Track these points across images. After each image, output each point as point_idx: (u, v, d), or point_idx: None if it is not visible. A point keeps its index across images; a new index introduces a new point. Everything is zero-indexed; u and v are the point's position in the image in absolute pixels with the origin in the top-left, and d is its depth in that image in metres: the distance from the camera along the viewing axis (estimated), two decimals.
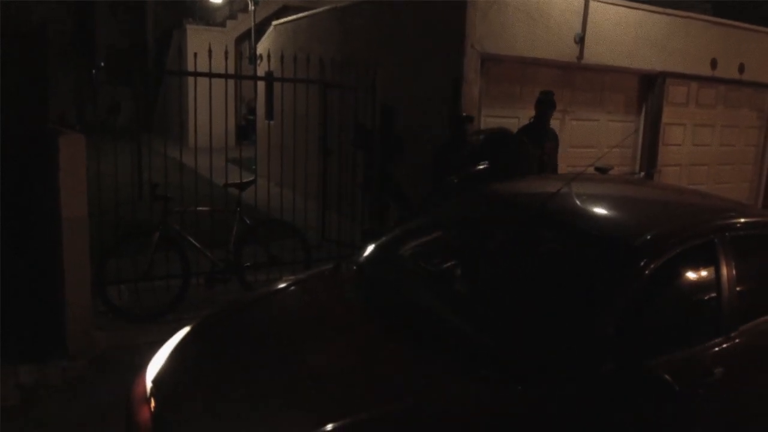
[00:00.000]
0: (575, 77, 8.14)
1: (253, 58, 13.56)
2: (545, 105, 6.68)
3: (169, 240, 5.71)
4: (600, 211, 3.61)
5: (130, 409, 2.87)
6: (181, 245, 5.75)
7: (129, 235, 5.89)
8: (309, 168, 7.86)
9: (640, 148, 8.99)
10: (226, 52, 6.30)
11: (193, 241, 5.89)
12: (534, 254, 3.77)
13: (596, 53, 7.84)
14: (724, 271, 3.10)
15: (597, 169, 7.28)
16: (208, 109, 5.77)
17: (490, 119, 7.51)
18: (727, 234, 3.21)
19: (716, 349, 3.01)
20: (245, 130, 16.65)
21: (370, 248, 3.88)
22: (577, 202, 3.57)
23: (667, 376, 2.50)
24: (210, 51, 5.84)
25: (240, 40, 19.30)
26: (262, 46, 12.77)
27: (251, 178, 6.48)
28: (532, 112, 6.81)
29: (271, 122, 10.88)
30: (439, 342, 2.79)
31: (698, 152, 9.70)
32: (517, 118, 7.75)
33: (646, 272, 2.84)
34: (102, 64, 15.80)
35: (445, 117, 6.93)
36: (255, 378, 2.75)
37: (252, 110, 17.00)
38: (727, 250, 3.15)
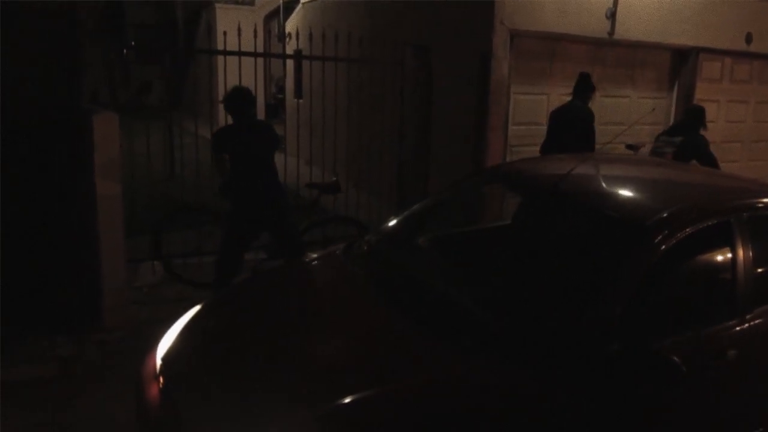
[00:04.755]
0: (606, 53, 8.03)
1: (282, 37, 13.57)
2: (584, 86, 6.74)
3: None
4: (613, 190, 3.55)
5: (140, 386, 2.93)
6: None
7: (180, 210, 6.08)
8: (338, 145, 7.89)
9: (672, 125, 8.87)
10: (255, 31, 6.32)
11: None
12: (544, 234, 3.80)
13: (628, 28, 7.72)
14: (741, 252, 3.05)
15: (628, 146, 7.24)
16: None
17: (519, 96, 7.46)
18: (744, 214, 3.15)
19: (730, 331, 2.98)
20: (274, 109, 16.72)
21: (382, 227, 3.89)
22: (591, 182, 3.54)
23: (675, 358, 2.47)
24: (239, 29, 5.88)
25: (269, 18, 19.29)
26: (291, 24, 12.78)
27: (334, 179, 6.36)
28: (561, 89, 6.76)
29: (300, 101, 10.92)
30: (446, 321, 2.79)
31: (732, 129, 9.54)
32: (546, 95, 7.69)
33: (658, 253, 2.80)
34: (132, 43, 15.93)
35: (473, 93, 6.89)
36: (261, 356, 2.77)
37: (281, 89, 17.05)
38: (744, 231, 3.09)
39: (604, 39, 7.67)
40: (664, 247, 2.81)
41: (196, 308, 3.36)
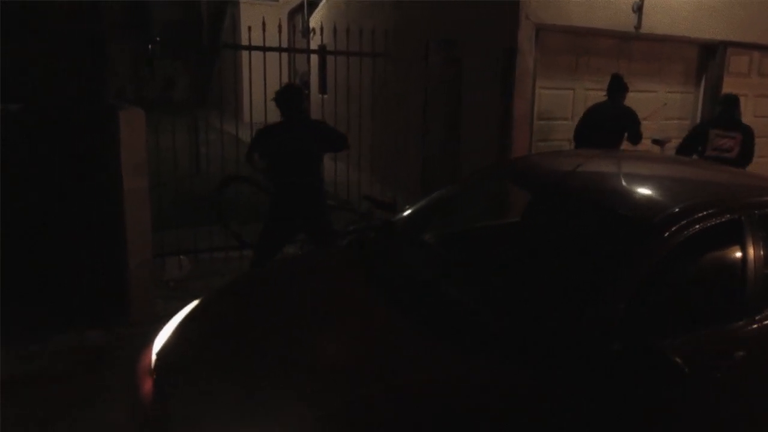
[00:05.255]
0: (632, 47, 7.93)
1: (306, 32, 13.61)
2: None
3: None
4: (619, 187, 3.48)
5: (135, 381, 2.90)
6: None
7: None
8: (363, 141, 7.90)
9: (699, 120, 8.75)
10: (280, 26, 6.35)
11: None
12: (548, 231, 3.75)
13: (655, 22, 7.62)
14: (751, 251, 2.97)
15: (654, 141, 7.16)
16: (263, 83, 5.85)
17: (544, 91, 7.41)
18: (756, 212, 3.07)
19: (738, 331, 2.92)
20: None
21: (384, 222, 3.86)
22: (597, 179, 3.51)
23: (677, 359, 2.41)
24: (264, 24, 5.90)
25: (293, 13, 19.34)
26: (315, 20, 12.81)
27: (392, 198, 6.08)
28: (587, 84, 6.71)
29: (325, 96, 10.92)
30: (447, 320, 2.74)
31: (760, 124, 9.35)
32: (572, 89, 7.63)
33: (663, 251, 2.74)
34: (158, 39, 16.03)
35: (498, 88, 6.86)
36: (257, 354, 2.73)
37: (305, 84, 17.09)
38: (756, 229, 3.01)
39: (630, 33, 7.59)
40: (669, 245, 2.76)
41: (194, 303, 3.33)
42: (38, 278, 4.79)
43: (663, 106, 7.20)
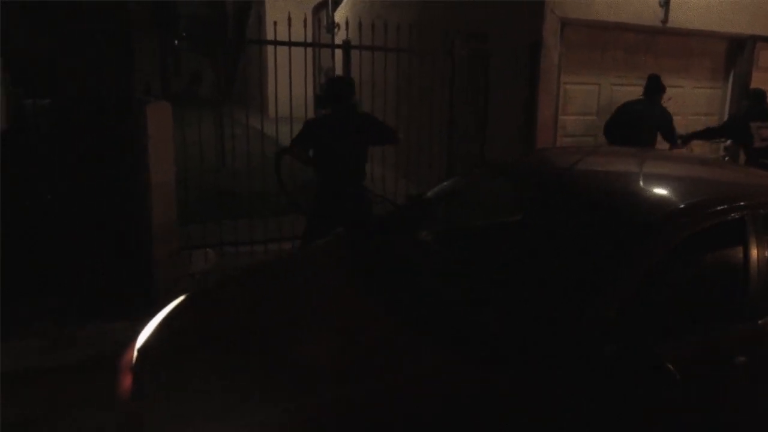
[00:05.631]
0: (659, 42, 7.86)
1: (331, 27, 13.64)
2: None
3: None
4: (619, 186, 3.33)
5: (117, 376, 2.85)
6: None
7: None
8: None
9: (727, 116, 8.64)
10: (305, 21, 6.37)
11: None
12: (544, 230, 3.63)
13: (682, 16, 7.54)
14: (754, 252, 2.83)
15: (680, 137, 7.09)
16: (288, 78, 5.88)
17: (569, 86, 7.37)
18: (761, 212, 2.93)
19: (739, 336, 2.80)
20: (323, 99, 16.80)
21: (383, 218, 3.80)
22: (596, 177, 3.41)
23: (669, 365, 2.30)
24: (289, 19, 5.93)
25: (318, 9, 19.40)
26: (340, 15, 12.84)
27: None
28: (613, 79, 6.68)
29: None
30: (433, 320, 2.65)
31: None
32: (597, 84, 7.58)
33: (662, 250, 2.64)
34: (184, 34, 16.18)
35: (523, 83, 6.84)
36: (237, 351, 2.67)
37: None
38: (760, 230, 2.88)
39: (657, 27, 7.51)
40: (668, 245, 2.66)
41: (180, 298, 3.28)
42: (64, 270, 4.86)
43: (668, 100, 7.10)
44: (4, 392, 3.71)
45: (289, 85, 5.94)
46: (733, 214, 2.89)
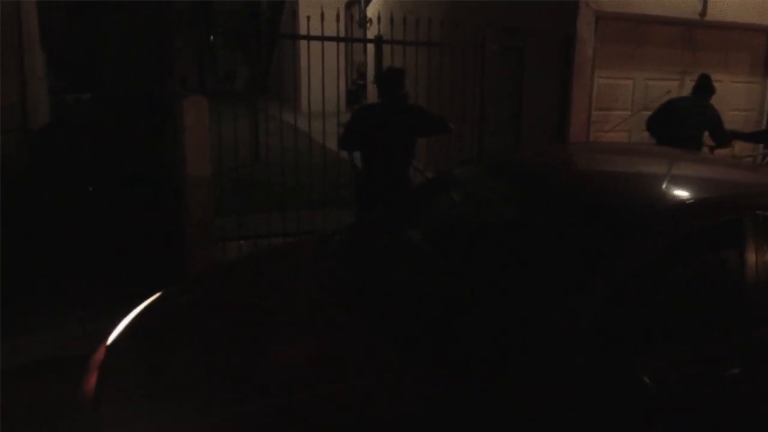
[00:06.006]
0: (697, 36, 7.73)
1: (363, 22, 13.69)
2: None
3: None
4: (607, 185, 3.09)
5: (84, 375, 2.78)
6: None
7: None
8: None
9: (766, 112, 8.48)
10: (338, 15, 6.42)
11: None
12: (523, 231, 3.28)
13: (721, 9, 7.42)
14: (753, 257, 2.60)
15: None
16: (321, 73, 5.93)
17: (603, 80, 7.30)
18: (759, 213, 2.70)
19: (733, 347, 2.59)
20: (355, 95, 16.88)
21: (364, 218, 3.72)
22: (584, 176, 3.21)
23: (645, 377, 2.17)
24: (322, 14, 5.98)
25: (350, 4, 19.46)
26: (372, 10, 12.86)
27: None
28: (648, 74, 6.59)
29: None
30: (401, 324, 2.49)
31: None
32: (631, 79, 7.50)
33: (644, 254, 2.46)
34: (219, 30, 16.37)
35: (556, 77, 6.79)
36: (197, 354, 2.59)
37: (361, 75, 17.16)
38: (760, 234, 2.65)
39: (694, 20, 7.40)
40: (654, 247, 2.49)
41: (155, 296, 3.20)
42: (98, 261, 4.96)
43: (666, 93, 6.95)
44: (46, 379, 3.80)
45: (321, 81, 5.98)
46: (729, 216, 2.70)
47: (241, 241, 6.17)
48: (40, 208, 4.89)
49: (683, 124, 6.41)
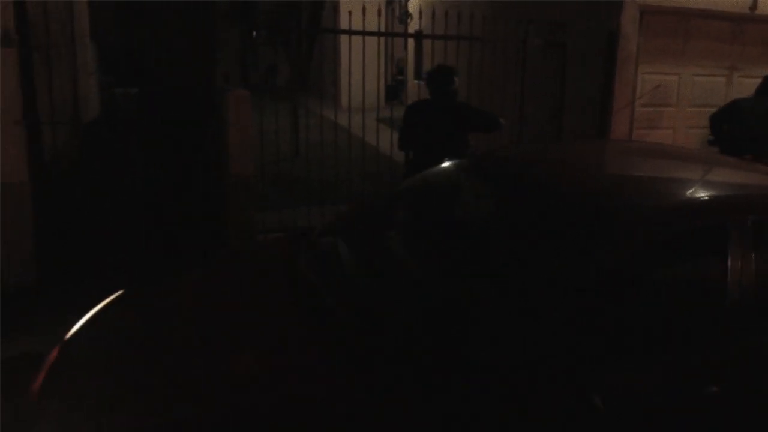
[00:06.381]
0: (746, 30, 7.55)
1: (404, 17, 13.69)
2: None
3: None
4: (586, 184, 2.86)
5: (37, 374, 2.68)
6: None
7: None
8: None
9: None
10: (380, 10, 6.44)
11: None
12: (493, 231, 3.05)
13: None
14: (737, 264, 2.39)
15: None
16: (361, 68, 5.96)
17: (647, 76, 7.19)
18: (749, 217, 2.48)
19: (712, 362, 2.37)
20: (394, 90, 16.89)
21: (341, 217, 3.59)
22: (558, 174, 2.98)
23: (596, 398, 2.02)
24: (363, 9, 6.00)
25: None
26: (413, 5, 12.86)
27: None
28: (694, 69, 6.45)
29: (421, 82, 10.98)
30: (345, 324, 2.40)
31: None
32: (677, 75, 7.36)
33: (613, 259, 2.30)
34: (260, 26, 16.52)
35: (600, 72, 6.70)
36: (141, 360, 2.47)
37: (401, 70, 17.16)
38: (746, 238, 2.43)
39: (744, 14, 7.23)
40: (624, 252, 2.33)
41: (114, 295, 3.09)
42: (145, 252, 5.06)
43: (656, 87, 6.76)
44: None
45: (362, 75, 6.01)
46: (712, 220, 2.50)
47: (281, 235, 6.24)
48: (88, 200, 5.02)
49: (744, 125, 6.27)
